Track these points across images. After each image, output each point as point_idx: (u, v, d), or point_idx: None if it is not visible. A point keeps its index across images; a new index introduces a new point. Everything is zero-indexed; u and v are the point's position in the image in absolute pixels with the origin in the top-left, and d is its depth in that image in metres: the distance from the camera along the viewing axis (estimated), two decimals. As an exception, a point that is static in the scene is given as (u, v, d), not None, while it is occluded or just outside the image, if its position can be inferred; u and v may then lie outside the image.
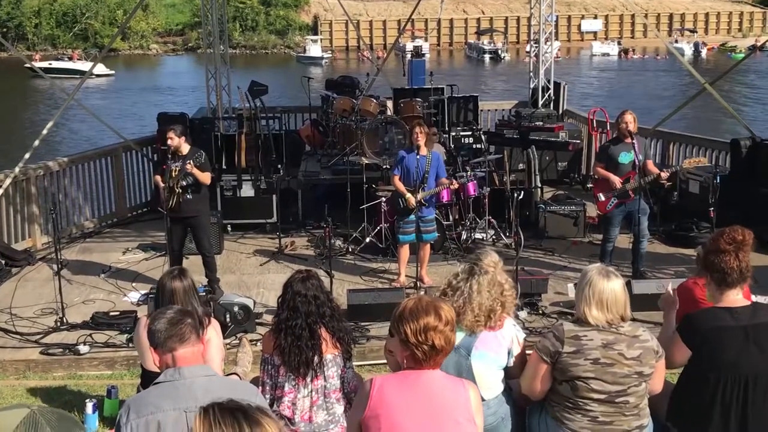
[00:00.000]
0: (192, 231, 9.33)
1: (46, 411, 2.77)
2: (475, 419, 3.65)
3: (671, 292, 4.96)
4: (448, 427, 3.57)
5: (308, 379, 4.84)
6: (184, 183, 8.85)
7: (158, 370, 3.72)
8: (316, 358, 4.82)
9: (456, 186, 9.67)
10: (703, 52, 70.07)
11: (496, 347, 4.55)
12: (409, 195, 9.15)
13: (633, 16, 77.17)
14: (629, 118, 9.17)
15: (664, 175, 9.23)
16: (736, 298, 4.47)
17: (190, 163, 8.72)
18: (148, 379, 5.17)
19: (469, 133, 14.01)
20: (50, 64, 52.99)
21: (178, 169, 8.83)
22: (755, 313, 4.40)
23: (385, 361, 5.72)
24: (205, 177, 8.99)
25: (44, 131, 12.27)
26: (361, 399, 3.69)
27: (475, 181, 10.96)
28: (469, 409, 3.64)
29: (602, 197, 9.41)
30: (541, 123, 13.59)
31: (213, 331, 5.31)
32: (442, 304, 3.73)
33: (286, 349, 4.82)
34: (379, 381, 3.67)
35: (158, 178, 9.13)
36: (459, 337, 4.45)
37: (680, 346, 4.44)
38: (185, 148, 8.96)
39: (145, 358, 5.36)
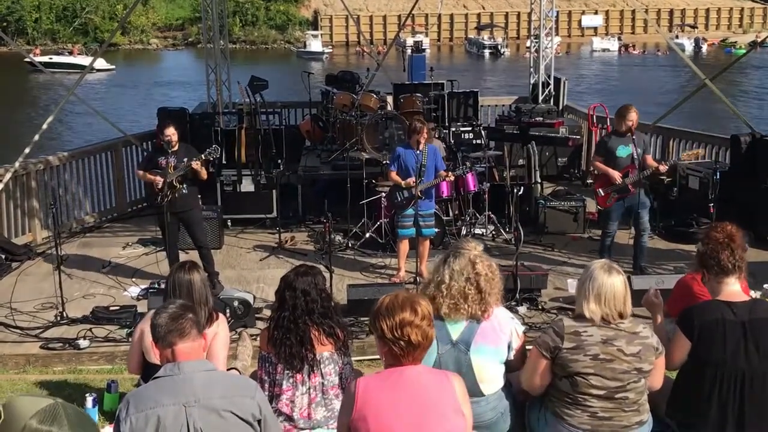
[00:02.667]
0: (185, 226, 9.35)
1: (69, 407, 2.78)
2: (462, 410, 3.65)
3: (653, 292, 4.98)
4: (436, 421, 3.57)
5: (306, 377, 4.84)
6: (180, 177, 8.87)
7: (159, 363, 3.74)
8: (310, 355, 4.82)
9: (452, 178, 9.66)
10: (704, 48, 70.04)
11: (495, 340, 4.54)
12: (410, 179, 9.12)
13: (633, 11, 77.11)
14: (633, 115, 9.13)
15: (663, 168, 9.21)
16: (735, 290, 4.50)
17: (198, 161, 8.77)
18: (148, 372, 5.20)
19: (469, 128, 13.99)
20: (51, 58, 52.99)
21: (173, 165, 8.86)
22: (753, 309, 4.42)
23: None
24: (205, 172, 9.04)
25: (44, 126, 12.26)
26: (347, 402, 3.69)
27: (474, 176, 10.95)
28: (455, 400, 3.64)
29: (602, 192, 9.41)
30: (541, 118, 13.59)
31: (220, 326, 5.33)
32: (419, 299, 3.73)
33: (277, 341, 4.84)
34: (363, 382, 3.67)
35: (141, 172, 9.19)
36: (458, 331, 4.46)
37: (679, 343, 4.46)
38: (177, 144, 9.01)
39: (148, 352, 5.38)
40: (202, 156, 8.81)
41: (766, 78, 51.19)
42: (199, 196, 9.67)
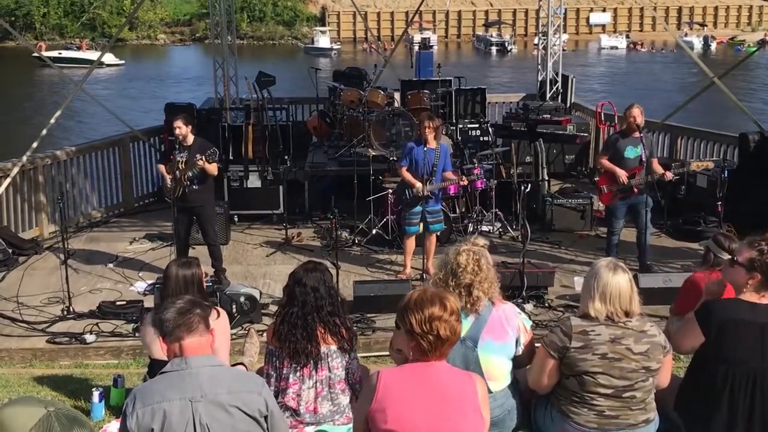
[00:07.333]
0: (197, 221, 9.36)
1: (62, 414, 2.76)
2: (482, 411, 3.64)
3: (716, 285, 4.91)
4: (455, 419, 3.57)
5: (312, 371, 4.85)
6: (190, 173, 8.86)
7: (166, 359, 3.74)
8: (314, 350, 4.83)
9: (465, 183, 9.64)
10: (713, 46, 69.83)
11: (503, 336, 4.54)
12: (419, 184, 9.10)
13: (642, 9, 76.93)
14: (636, 111, 9.12)
15: (669, 175, 9.21)
16: (761, 294, 4.45)
17: (202, 159, 8.72)
18: (155, 368, 5.21)
19: (477, 125, 13.98)
20: (60, 53, 53.11)
21: (184, 160, 8.84)
22: None
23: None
24: (213, 168, 9.02)
25: (52, 120, 12.28)
26: (367, 392, 3.69)
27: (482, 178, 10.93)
28: (475, 400, 3.63)
29: (605, 189, 9.40)
30: (548, 116, 13.55)
31: (220, 322, 5.33)
32: (447, 294, 3.74)
33: (283, 336, 4.85)
34: (385, 374, 3.67)
35: (162, 167, 9.18)
36: (465, 327, 4.45)
37: (694, 332, 4.42)
38: (190, 138, 8.97)
39: (152, 348, 5.40)
40: (203, 157, 8.78)
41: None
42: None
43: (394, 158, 11.13)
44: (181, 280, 5.35)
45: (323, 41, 70.10)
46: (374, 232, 10.82)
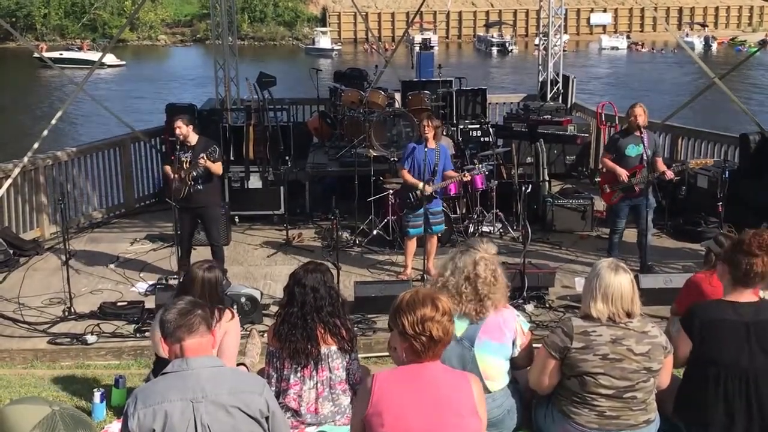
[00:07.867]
0: (202, 221, 9.36)
1: (66, 414, 2.78)
2: (478, 412, 3.64)
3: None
4: (451, 420, 3.56)
5: (313, 371, 4.85)
6: (195, 174, 8.86)
7: (168, 357, 3.75)
8: (314, 351, 4.83)
9: (468, 178, 9.63)
10: (714, 47, 69.79)
11: (500, 336, 4.55)
12: (422, 184, 9.09)
13: (642, 9, 76.89)
14: (639, 110, 9.15)
15: (669, 174, 9.22)
16: (744, 293, 4.47)
17: (203, 157, 8.70)
18: (160, 366, 5.23)
19: (478, 126, 13.98)
20: (61, 54, 53.10)
21: (188, 160, 8.84)
22: (759, 311, 4.39)
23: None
24: (218, 167, 9.00)
25: (53, 121, 12.29)
26: (363, 396, 3.69)
27: (483, 174, 10.94)
28: (471, 401, 3.63)
29: (607, 189, 9.42)
30: (549, 116, 13.56)
31: (232, 323, 5.34)
32: (439, 295, 3.74)
33: (283, 337, 4.86)
34: (380, 377, 3.67)
35: (168, 168, 9.17)
36: (462, 328, 4.45)
37: (683, 341, 4.45)
38: (193, 138, 8.97)
39: (160, 348, 5.41)
40: (204, 155, 8.78)
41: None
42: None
43: (395, 159, 11.13)
44: (207, 283, 5.35)
45: (324, 42, 70.05)
46: (375, 232, 10.82)
